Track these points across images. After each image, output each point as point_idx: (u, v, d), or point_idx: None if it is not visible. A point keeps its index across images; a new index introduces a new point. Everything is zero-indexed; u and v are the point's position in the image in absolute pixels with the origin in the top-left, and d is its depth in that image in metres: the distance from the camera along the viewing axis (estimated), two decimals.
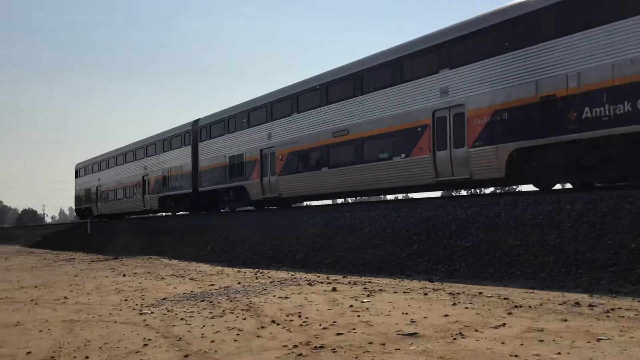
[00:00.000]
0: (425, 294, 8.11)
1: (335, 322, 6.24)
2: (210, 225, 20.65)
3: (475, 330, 5.53)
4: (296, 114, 19.09)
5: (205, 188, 24.21)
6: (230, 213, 23.72)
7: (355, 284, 9.59)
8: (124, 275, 13.05)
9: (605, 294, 7.33)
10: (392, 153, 15.22)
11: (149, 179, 29.13)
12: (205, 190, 24.22)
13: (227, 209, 24.28)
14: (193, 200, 25.68)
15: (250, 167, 21.21)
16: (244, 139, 21.82)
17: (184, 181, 25.77)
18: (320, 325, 6.14)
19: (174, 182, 26.60)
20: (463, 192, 34.19)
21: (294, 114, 19.21)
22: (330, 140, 17.44)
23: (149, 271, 13.85)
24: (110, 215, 35.21)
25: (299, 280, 10.47)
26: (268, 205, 22.23)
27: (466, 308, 6.79)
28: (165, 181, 27.44)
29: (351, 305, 7.32)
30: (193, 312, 7.36)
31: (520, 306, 6.73)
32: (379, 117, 15.74)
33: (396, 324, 5.99)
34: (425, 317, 6.29)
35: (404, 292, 8.31)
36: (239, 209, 24.15)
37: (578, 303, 6.75)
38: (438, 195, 26.30)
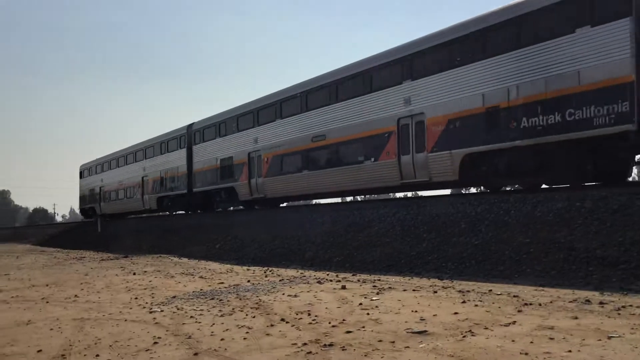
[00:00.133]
0: (435, 291, 8.10)
1: (344, 320, 6.24)
2: (219, 224, 20.75)
3: (485, 328, 5.51)
4: (280, 119, 20.11)
5: (199, 189, 25.18)
6: (238, 211, 24.11)
7: (364, 282, 9.60)
8: (134, 273, 13.14)
9: (616, 292, 7.29)
10: (364, 157, 16.22)
11: (148, 180, 29.98)
12: (199, 191, 25.19)
13: (220, 209, 25.17)
14: (188, 201, 26.66)
15: (239, 170, 22.14)
16: (233, 142, 22.81)
17: (179, 182, 26.71)
18: (330, 323, 6.15)
19: (171, 183, 27.59)
20: (472, 190, 34.01)
21: (277, 120, 20.20)
22: (310, 144, 18.41)
23: (159, 269, 13.94)
24: (112, 214, 36.03)
25: (308, 279, 10.49)
26: (257, 205, 23.01)
27: (476, 306, 6.77)
28: (162, 182, 28.39)
29: (360, 303, 7.33)
30: (203, 310, 7.39)
31: (531, 304, 6.70)
32: (352, 124, 16.73)
33: (406, 322, 5.98)
34: (435, 315, 6.28)
35: (414, 290, 8.30)
36: (239, 209, 24.75)
37: (589, 300, 6.71)
38: (447, 193, 26.28)
